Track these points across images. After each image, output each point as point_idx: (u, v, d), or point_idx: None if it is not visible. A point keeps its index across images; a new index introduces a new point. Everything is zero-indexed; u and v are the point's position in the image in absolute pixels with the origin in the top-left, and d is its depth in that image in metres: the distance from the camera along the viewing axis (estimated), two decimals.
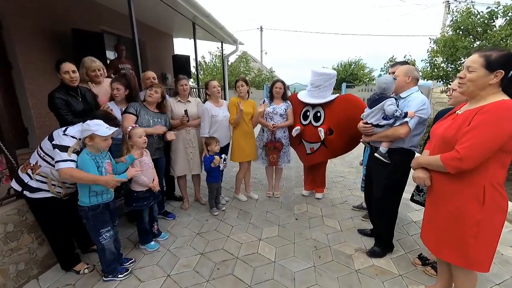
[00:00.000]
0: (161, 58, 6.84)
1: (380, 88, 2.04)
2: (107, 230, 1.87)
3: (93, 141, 1.72)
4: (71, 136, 1.75)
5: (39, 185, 1.79)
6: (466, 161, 1.23)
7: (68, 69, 2.09)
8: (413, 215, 2.92)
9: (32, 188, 1.78)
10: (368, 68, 18.65)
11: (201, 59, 17.19)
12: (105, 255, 1.89)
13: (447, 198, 1.41)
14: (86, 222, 1.84)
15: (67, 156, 1.68)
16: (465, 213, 1.33)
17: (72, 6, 4.14)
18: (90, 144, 1.74)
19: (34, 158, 1.81)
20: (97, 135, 1.70)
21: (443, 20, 12.08)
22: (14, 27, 3.36)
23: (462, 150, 1.23)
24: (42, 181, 1.79)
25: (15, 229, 1.84)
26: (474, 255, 1.34)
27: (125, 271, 1.99)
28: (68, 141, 1.73)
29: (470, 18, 5.16)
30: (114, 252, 1.94)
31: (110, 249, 1.90)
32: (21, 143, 3.53)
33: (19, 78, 3.45)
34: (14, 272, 1.83)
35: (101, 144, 1.75)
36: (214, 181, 2.94)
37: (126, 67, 4.53)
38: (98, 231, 1.84)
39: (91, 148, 1.76)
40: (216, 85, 2.97)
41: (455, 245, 1.40)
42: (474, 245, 1.32)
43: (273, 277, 2.00)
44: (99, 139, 1.72)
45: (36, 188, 1.79)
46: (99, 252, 1.90)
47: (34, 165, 1.80)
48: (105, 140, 1.75)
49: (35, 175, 1.78)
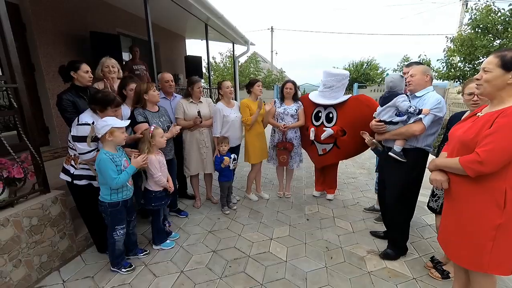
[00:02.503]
0: (173, 59, 6.98)
1: (388, 86, 2.06)
2: (121, 227, 1.96)
3: (113, 135, 1.79)
4: (84, 123, 1.85)
5: (84, 172, 1.98)
6: (487, 165, 1.21)
7: (89, 69, 2.18)
8: (427, 218, 2.86)
9: (79, 176, 1.98)
10: (381, 68, 18.31)
11: (212, 60, 17.40)
12: (114, 249, 1.99)
13: (465, 202, 1.38)
14: (105, 217, 1.94)
15: (88, 147, 1.83)
16: (484, 217, 1.30)
17: (90, 9, 4.30)
18: (110, 140, 1.79)
19: (71, 151, 1.98)
20: (116, 127, 1.78)
21: (460, 18, 11.71)
22: (37, 30, 3.53)
23: (483, 154, 1.21)
24: (85, 168, 1.98)
25: (39, 223, 1.94)
26: (493, 258, 1.30)
27: (128, 266, 2.06)
28: (82, 130, 1.83)
29: (490, 15, 4.99)
30: (121, 250, 2.04)
31: (119, 246, 2.00)
32: (43, 141, 3.71)
33: (41, 79, 3.62)
34: (38, 263, 1.93)
35: (121, 136, 1.83)
36: (226, 180, 2.98)
37: (141, 68, 4.65)
38: (113, 227, 1.94)
39: (109, 145, 1.83)
40: (229, 85, 3.00)
41: (472, 250, 1.36)
42: (492, 248, 1.29)
43: (284, 276, 2.01)
44: (118, 132, 1.80)
45: (82, 175, 1.98)
46: (109, 246, 2.00)
47: (74, 156, 1.97)
48: (123, 132, 1.85)
49: (78, 165, 1.97)
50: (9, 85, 1.84)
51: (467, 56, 5.33)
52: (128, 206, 2.00)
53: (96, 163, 1.80)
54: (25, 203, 1.90)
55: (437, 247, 2.31)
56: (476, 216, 1.33)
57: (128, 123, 1.89)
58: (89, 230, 2.26)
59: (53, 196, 2.05)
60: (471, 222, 1.35)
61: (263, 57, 21.85)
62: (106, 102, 1.88)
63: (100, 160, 1.78)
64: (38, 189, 2.01)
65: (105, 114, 1.90)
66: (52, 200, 2.03)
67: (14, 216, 1.77)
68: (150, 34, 3.33)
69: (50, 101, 3.65)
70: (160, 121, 2.50)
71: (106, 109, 1.90)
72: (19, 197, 1.89)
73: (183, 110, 2.82)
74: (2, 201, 1.78)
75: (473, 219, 1.34)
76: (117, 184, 1.81)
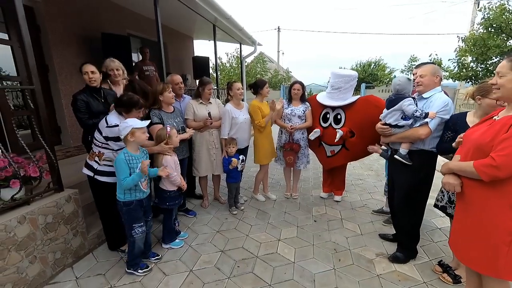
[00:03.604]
0: (181, 60, 7.04)
1: (395, 89, 2.05)
2: (139, 225, 1.98)
3: (135, 136, 1.84)
4: (114, 125, 1.93)
5: (107, 169, 2.05)
6: (503, 170, 1.19)
7: (87, 70, 2.20)
8: (437, 221, 2.82)
9: (102, 172, 2.05)
10: (389, 68, 18.07)
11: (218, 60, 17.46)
12: (134, 249, 2.00)
13: (479, 206, 1.36)
14: (121, 215, 1.98)
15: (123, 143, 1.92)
16: (499, 222, 1.28)
17: (101, 11, 4.38)
18: (131, 140, 1.85)
19: (96, 148, 2.05)
20: (137, 128, 1.83)
21: (472, 17, 11.46)
22: (51, 31, 3.61)
23: (498, 158, 1.19)
24: (109, 165, 2.04)
25: (53, 220, 1.99)
26: (508, 263, 1.28)
27: (145, 267, 2.07)
28: (114, 131, 1.92)
29: (504, 15, 4.87)
30: (141, 249, 2.05)
31: (139, 244, 2.01)
32: (55, 141, 3.80)
33: (54, 80, 3.71)
34: (52, 260, 1.99)
35: (142, 137, 1.88)
36: (234, 181, 3.00)
37: (150, 69, 4.72)
38: (131, 225, 1.96)
39: (131, 145, 1.88)
40: (240, 87, 2.98)
41: (485, 255, 1.34)
42: (507, 253, 1.27)
43: (292, 277, 2.02)
44: (139, 132, 1.85)
45: (106, 171, 2.05)
46: (130, 245, 2.02)
47: (98, 153, 2.03)
48: (144, 133, 1.90)
49: (102, 161, 2.03)
50: (26, 87, 1.90)
51: (479, 56, 5.21)
52: (144, 206, 2.03)
53: (115, 161, 1.87)
54: (40, 201, 1.96)
55: (447, 251, 2.28)
56: (491, 220, 1.31)
57: (148, 123, 1.94)
58: (103, 226, 2.31)
59: (67, 195, 2.10)
60: (486, 227, 1.33)
61: (270, 57, 21.81)
62: (131, 104, 1.97)
63: (116, 160, 1.85)
64: (53, 188, 2.07)
65: (129, 115, 1.97)
66: (66, 198, 2.09)
67: (30, 214, 1.83)
68: (160, 35, 3.36)
69: (63, 102, 3.74)
70: (175, 122, 2.56)
71: (131, 111, 1.97)
72: (35, 195, 1.95)
73: (193, 111, 2.85)
74: (19, 199, 1.84)
75: (488, 224, 1.32)
76: (125, 185, 1.84)
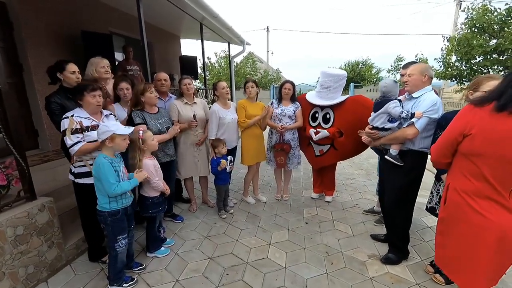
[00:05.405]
0: (168, 59, 6.87)
1: (381, 92, 2.06)
2: (123, 237, 1.83)
3: (114, 142, 1.68)
4: (64, 117, 1.82)
5: (81, 170, 1.92)
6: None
7: (75, 69, 2.08)
8: (428, 220, 2.82)
9: (79, 174, 1.93)
10: (376, 68, 18.40)
11: (207, 60, 17.28)
12: (116, 263, 1.84)
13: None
14: (104, 227, 1.81)
15: (71, 140, 1.79)
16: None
17: (81, 7, 4.17)
18: (110, 146, 1.69)
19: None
20: (118, 134, 1.68)
21: (455, 18, 11.81)
22: (25, 29, 3.40)
23: None
24: (82, 165, 1.93)
25: (24, 232, 1.83)
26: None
27: (130, 280, 1.93)
28: (62, 124, 1.81)
29: (486, 15, 4.99)
30: (124, 262, 1.91)
31: (122, 258, 1.86)
32: (32, 145, 3.58)
33: (30, 80, 3.49)
34: (23, 275, 1.82)
35: (122, 144, 1.73)
36: (223, 183, 2.90)
37: (134, 68, 4.54)
38: (115, 238, 1.79)
39: (108, 150, 1.72)
40: (225, 86, 2.90)
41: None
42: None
43: (284, 284, 1.94)
44: (119, 138, 1.70)
45: (80, 173, 1.93)
46: (111, 260, 1.85)
47: (72, 155, 1.90)
48: (125, 140, 1.74)
49: (76, 163, 1.92)
50: None
51: (463, 55, 5.34)
52: (128, 214, 1.88)
53: (95, 168, 1.69)
54: (9, 212, 1.79)
55: None
56: None
57: (131, 131, 1.76)
58: (85, 234, 2.17)
59: (40, 204, 1.94)
60: None
61: (259, 57, 21.78)
62: (80, 89, 1.84)
63: (99, 165, 1.66)
64: (24, 196, 1.91)
65: (86, 102, 1.85)
66: (39, 207, 1.93)
67: None
68: (143, 33, 3.23)
69: (39, 103, 3.52)
70: (159, 123, 2.42)
71: (83, 95, 1.83)
72: (3, 206, 1.78)
73: (177, 112, 2.73)
74: None
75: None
76: (114, 192, 1.68)
